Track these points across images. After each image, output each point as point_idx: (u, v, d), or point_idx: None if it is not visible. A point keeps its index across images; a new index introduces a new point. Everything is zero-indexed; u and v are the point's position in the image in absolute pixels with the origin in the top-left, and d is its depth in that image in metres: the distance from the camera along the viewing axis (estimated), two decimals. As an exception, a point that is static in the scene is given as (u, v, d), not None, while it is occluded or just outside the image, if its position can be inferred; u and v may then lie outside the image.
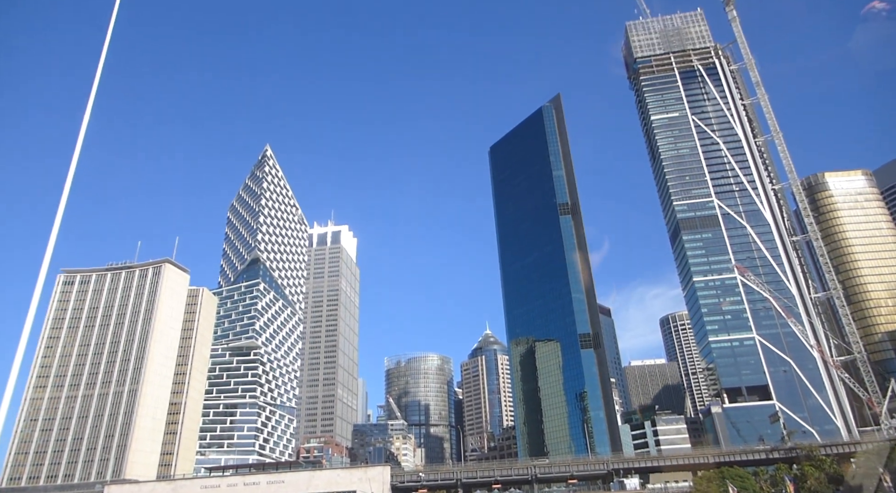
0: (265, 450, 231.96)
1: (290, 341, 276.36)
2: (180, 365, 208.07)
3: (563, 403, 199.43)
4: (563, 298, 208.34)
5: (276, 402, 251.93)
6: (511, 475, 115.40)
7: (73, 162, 12.39)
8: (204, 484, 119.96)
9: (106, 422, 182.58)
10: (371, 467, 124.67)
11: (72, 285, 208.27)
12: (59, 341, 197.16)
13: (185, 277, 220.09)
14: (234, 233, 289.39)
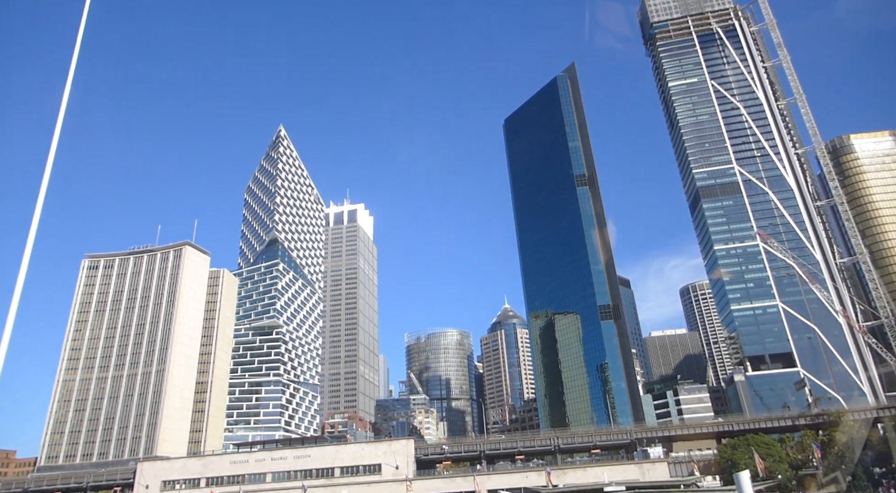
0: (290, 426, 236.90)
1: (310, 320, 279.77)
2: (205, 345, 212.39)
3: (583, 375, 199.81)
4: (581, 270, 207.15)
5: (300, 379, 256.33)
6: (534, 446, 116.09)
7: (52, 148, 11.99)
8: (233, 459, 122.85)
9: (136, 402, 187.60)
10: (395, 440, 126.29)
11: (96, 270, 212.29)
12: (87, 325, 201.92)
13: (205, 259, 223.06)
14: (252, 214, 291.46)
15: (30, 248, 4.36)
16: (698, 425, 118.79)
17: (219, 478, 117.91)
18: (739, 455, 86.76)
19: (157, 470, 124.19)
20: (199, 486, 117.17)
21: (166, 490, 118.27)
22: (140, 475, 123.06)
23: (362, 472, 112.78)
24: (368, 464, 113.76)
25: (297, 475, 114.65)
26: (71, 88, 30.14)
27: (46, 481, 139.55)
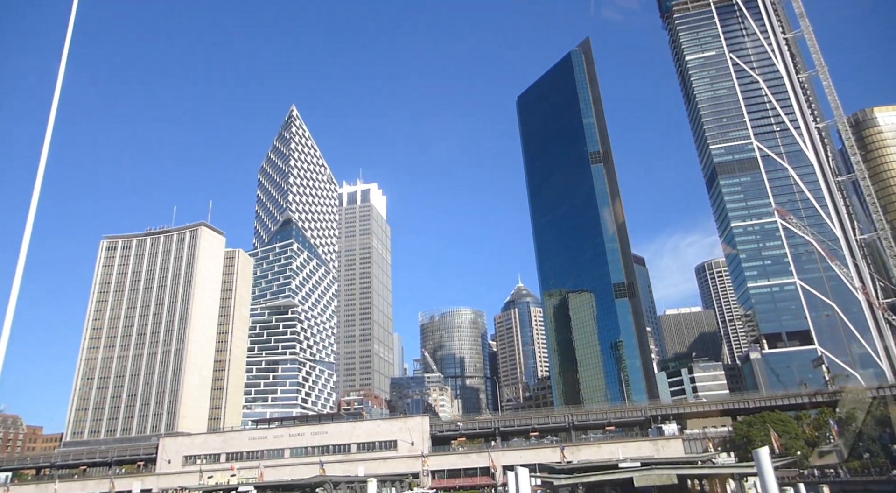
0: (307, 403, 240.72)
1: (325, 299, 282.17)
2: (222, 324, 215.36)
3: (597, 352, 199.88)
4: (596, 248, 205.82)
5: (316, 358, 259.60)
6: (548, 423, 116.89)
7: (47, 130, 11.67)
8: (252, 436, 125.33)
9: (156, 379, 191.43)
10: (410, 417, 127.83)
11: (115, 251, 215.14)
12: (107, 304, 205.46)
13: (220, 239, 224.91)
14: (266, 195, 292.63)
15: (29, 227, 4.19)
16: (713, 402, 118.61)
17: (238, 454, 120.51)
18: (755, 432, 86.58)
19: (179, 446, 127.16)
20: (220, 461, 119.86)
21: (188, 465, 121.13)
22: (162, 450, 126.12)
23: (378, 448, 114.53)
24: (384, 440, 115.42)
25: (315, 450, 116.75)
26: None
27: (72, 455, 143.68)
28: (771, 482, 21.39)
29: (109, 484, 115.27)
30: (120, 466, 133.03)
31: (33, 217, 11.17)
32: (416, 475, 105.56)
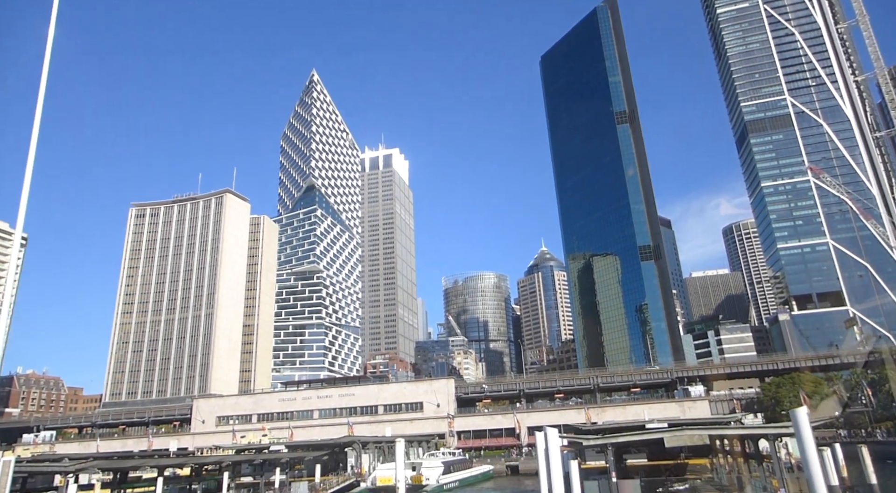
0: (334, 366, 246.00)
1: (349, 265, 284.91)
2: (249, 290, 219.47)
3: (622, 315, 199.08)
4: (621, 210, 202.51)
5: (341, 322, 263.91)
6: (573, 384, 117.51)
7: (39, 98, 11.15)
8: (281, 397, 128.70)
9: (188, 343, 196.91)
10: (436, 380, 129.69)
11: (143, 218, 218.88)
12: (138, 270, 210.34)
13: (245, 206, 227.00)
14: (289, 161, 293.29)
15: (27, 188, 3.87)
16: (741, 363, 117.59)
17: (269, 414, 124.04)
18: (784, 393, 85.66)
19: (212, 406, 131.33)
20: (252, 422, 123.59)
21: (221, 425, 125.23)
22: (196, 410, 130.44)
23: (405, 410, 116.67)
24: (410, 402, 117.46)
25: (343, 412, 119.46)
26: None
27: (112, 415, 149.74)
28: (809, 443, 20.72)
29: (148, 442, 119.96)
30: (157, 425, 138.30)
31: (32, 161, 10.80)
32: (442, 435, 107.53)
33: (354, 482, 68.12)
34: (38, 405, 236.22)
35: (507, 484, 73.37)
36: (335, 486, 64.12)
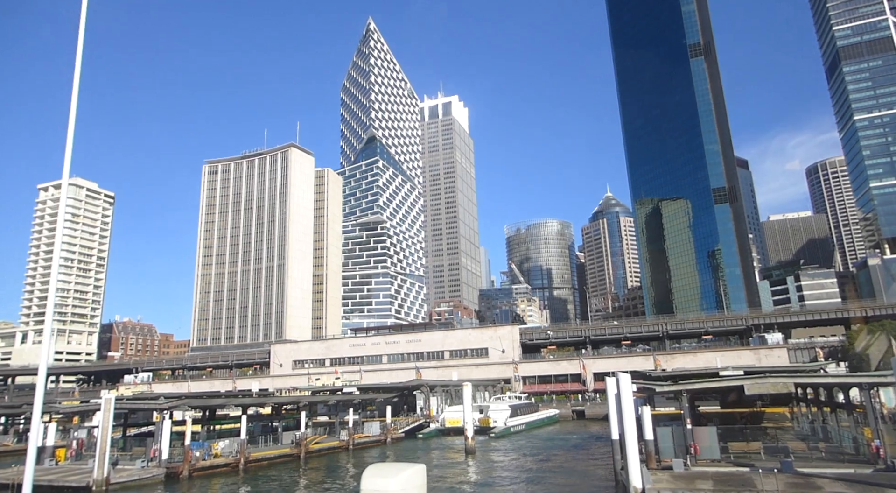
0: (400, 314, 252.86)
1: (412, 215, 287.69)
2: (317, 241, 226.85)
3: (692, 262, 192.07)
4: (694, 151, 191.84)
5: (406, 271, 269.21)
6: (640, 331, 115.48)
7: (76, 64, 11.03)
8: (351, 343, 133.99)
9: (263, 293, 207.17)
10: (500, 326, 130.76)
11: (216, 174, 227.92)
12: (214, 225, 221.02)
13: (310, 159, 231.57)
14: (349, 113, 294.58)
15: (69, 150, 3.79)
16: (824, 310, 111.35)
17: (340, 359, 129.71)
18: (873, 342, 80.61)
19: (288, 351, 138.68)
20: (325, 366, 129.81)
21: (297, 369, 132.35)
22: (274, 355, 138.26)
23: (470, 355, 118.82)
24: (476, 348, 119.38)
25: (410, 357, 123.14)
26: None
27: (199, 359, 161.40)
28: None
29: (232, 384, 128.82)
30: (239, 369, 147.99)
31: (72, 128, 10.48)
32: (507, 380, 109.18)
33: (424, 422, 70.59)
34: (135, 350, 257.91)
35: (574, 428, 73.89)
36: (405, 426, 66.71)
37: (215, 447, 41.77)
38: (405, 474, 2.75)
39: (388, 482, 2.74)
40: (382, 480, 2.76)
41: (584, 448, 50.97)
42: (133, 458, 40.48)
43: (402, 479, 2.76)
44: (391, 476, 2.75)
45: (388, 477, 2.74)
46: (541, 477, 35.13)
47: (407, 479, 2.75)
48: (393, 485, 2.72)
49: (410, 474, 2.73)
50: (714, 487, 23.25)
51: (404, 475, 2.73)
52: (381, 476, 2.73)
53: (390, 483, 2.72)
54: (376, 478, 2.76)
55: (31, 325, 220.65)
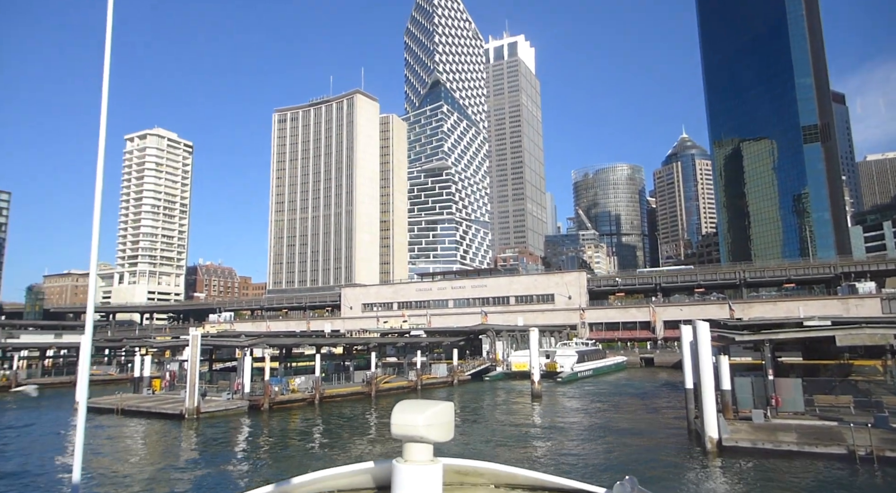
0: (465, 260, 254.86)
1: (477, 160, 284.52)
2: (383, 187, 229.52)
3: (775, 206, 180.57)
4: (783, 85, 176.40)
5: (471, 217, 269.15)
6: (715, 279, 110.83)
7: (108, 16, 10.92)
8: (418, 287, 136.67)
9: (333, 238, 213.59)
10: (567, 273, 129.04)
11: (285, 123, 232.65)
12: (285, 172, 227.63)
13: (375, 105, 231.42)
14: (413, 57, 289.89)
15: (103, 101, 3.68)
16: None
17: (408, 303, 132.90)
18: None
19: (357, 294, 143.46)
20: (392, 309, 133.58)
21: (366, 311, 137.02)
22: (344, 298, 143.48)
23: (536, 301, 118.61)
24: (542, 294, 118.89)
25: (475, 302, 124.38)
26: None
27: (275, 301, 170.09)
28: None
29: (306, 324, 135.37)
30: (312, 310, 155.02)
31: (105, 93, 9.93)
32: (573, 326, 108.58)
33: (490, 366, 71.73)
34: (217, 291, 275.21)
35: (642, 375, 73.00)
36: (472, 369, 68.06)
37: (292, 382, 44.13)
38: (433, 410, 2.75)
39: (416, 417, 2.71)
40: (411, 415, 2.75)
41: (653, 396, 50.26)
42: (219, 390, 43.47)
43: (430, 414, 2.74)
44: (419, 412, 2.74)
45: (416, 413, 2.73)
46: (609, 423, 34.93)
47: (434, 415, 2.75)
48: (421, 420, 2.69)
49: (438, 410, 2.73)
50: (798, 440, 22.17)
51: (432, 410, 2.73)
52: (409, 412, 2.75)
53: (418, 418, 2.69)
54: (405, 413, 2.77)
55: (126, 267, 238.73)
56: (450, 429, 3.22)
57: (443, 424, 3.19)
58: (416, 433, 3.15)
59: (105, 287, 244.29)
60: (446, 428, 3.20)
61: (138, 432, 33.43)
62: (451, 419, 3.22)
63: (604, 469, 22.17)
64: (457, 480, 3.81)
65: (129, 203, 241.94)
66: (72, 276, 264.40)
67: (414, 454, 3.18)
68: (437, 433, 3.17)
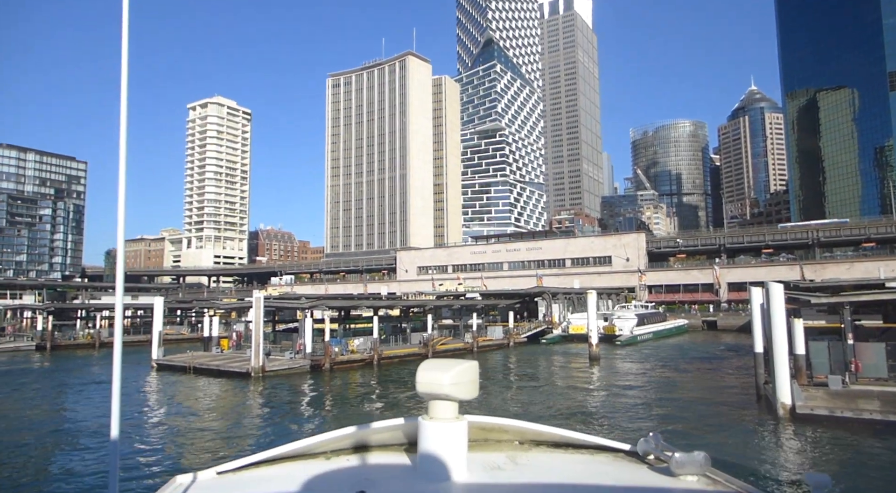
0: (520, 222, 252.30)
1: (531, 120, 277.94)
2: (436, 150, 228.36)
3: (854, 160, 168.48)
4: (866, 28, 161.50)
5: (525, 179, 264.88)
6: (785, 239, 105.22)
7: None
8: (472, 250, 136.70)
9: (387, 202, 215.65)
10: (625, 234, 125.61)
11: (339, 88, 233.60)
12: (339, 137, 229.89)
13: (427, 67, 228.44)
14: (465, 15, 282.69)
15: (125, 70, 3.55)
16: None
17: (462, 266, 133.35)
18: None
19: (412, 258, 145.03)
20: (447, 272, 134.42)
21: (421, 274, 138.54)
22: (399, 261, 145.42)
23: (592, 263, 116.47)
24: (598, 256, 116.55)
25: (530, 264, 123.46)
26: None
27: (333, 264, 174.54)
28: None
29: (363, 287, 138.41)
30: (369, 273, 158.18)
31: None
32: (631, 289, 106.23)
33: (546, 328, 71.33)
34: (277, 255, 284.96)
35: (704, 339, 70.86)
36: (527, 331, 67.88)
37: (351, 344, 45.22)
38: (458, 369, 2.69)
39: (441, 376, 2.66)
40: (436, 373, 2.70)
41: (717, 360, 48.71)
42: (282, 350, 45.10)
43: (455, 373, 2.69)
44: (444, 371, 2.70)
45: (441, 371, 2.68)
46: (671, 387, 34.07)
47: (459, 373, 2.69)
48: (446, 378, 2.64)
49: (463, 369, 2.67)
50: (882, 407, 20.81)
51: (457, 369, 2.68)
52: (435, 370, 2.70)
53: (443, 377, 2.64)
54: (430, 372, 2.74)
55: (193, 232, 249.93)
56: (474, 387, 3.41)
57: (467, 382, 3.39)
58: (441, 391, 3.25)
59: (175, 252, 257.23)
60: (471, 386, 3.40)
61: (209, 388, 35.20)
62: (475, 377, 3.42)
63: (668, 434, 21.58)
64: (481, 436, 3.93)
65: (194, 170, 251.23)
66: (144, 241, 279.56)
67: (439, 411, 3.34)
68: (461, 391, 3.27)
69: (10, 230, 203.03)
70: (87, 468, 18.10)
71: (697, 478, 3.28)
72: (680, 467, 3.27)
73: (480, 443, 3.90)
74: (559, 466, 3.60)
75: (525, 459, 3.68)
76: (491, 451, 3.79)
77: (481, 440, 3.93)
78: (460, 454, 3.26)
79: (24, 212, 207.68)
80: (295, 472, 3.45)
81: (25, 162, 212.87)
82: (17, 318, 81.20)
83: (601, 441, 3.89)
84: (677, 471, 3.29)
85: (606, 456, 3.77)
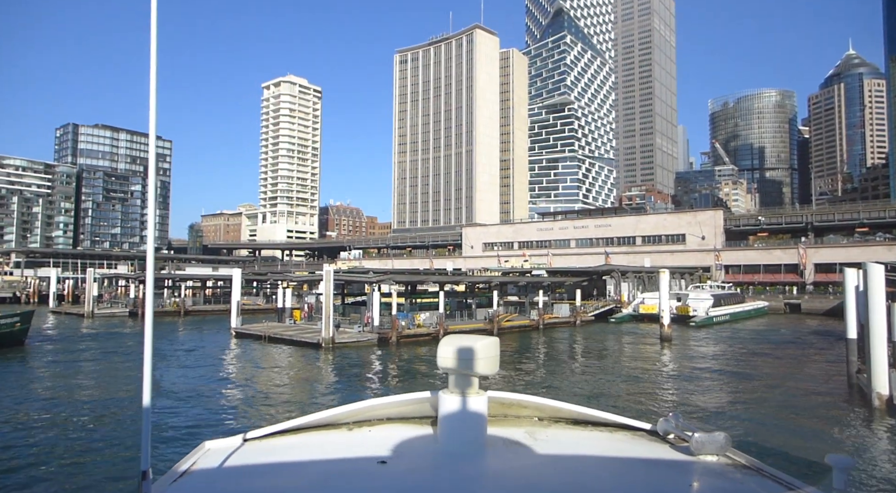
0: (588, 199, 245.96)
1: (602, 93, 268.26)
2: (503, 126, 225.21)
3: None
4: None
5: (595, 154, 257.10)
6: (884, 216, 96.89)
7: None
8: (539, 227, 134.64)
9: (454, 178, 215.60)
10: (700, 211, 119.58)
11: (406, 64, 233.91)
12: (406, 114, 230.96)
13: (494, 40, 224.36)
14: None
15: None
16: None
17: (528, 242, 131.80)
18: None
19: (478, 234, 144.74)
20: (513, 249, 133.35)
21: (486, 250, 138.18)
22: (465, 237, 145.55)
23: (665, 241, 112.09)
24: (671, 234, 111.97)
25: (599, 242, 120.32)
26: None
27: (399, 239, 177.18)
28: None
29: (429, 263, 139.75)
30: (435, 249, 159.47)
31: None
32: (706, 268, 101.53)
33: (615, 307, 69.53)
34: (346, 230, 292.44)
35: (787, 322, 66.88)
36: (595, 310, 66.43)
37: (417, 318, 45.76)
38: (479, 344, 2.73)
39: (461, 351, 2.75)
40: (457, 348, 2.76)
41: (802, 345, 45.84)
42: (351, 323, 46.30)
43: (475, 349, 2.78)
44: (465, 345, 2.74)
45: (461, 346, 2.73)
46: (750, 372, 32.36)
47: (480, 349, 2.77)
48: (466, 353, 2.79)
49: (485, 344, 2.70)
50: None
51: (478, 344, 2.75)
52: (455, 345, 2.74)
53: (463, 352, 2.76)
54: (451, 346, 2.76)
55: (267, 207, 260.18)
56: (495, 363, 3.49)
57: (488, 358, 3.47)
58: (461, 365, 3.37)
59: (251, 226, 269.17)
60: (492, 362, 3.48)
61: (282, 356, 36.72)
62: (496, 353, 3.50)
63: (750, 422, 20.48)
64: (501, 412, 4.03)
65: (268, 148, 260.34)
66: (223, 215, 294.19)
67: (460, 385, 3.42)
68: (482, 366, 3.38)
69: (106, 205, 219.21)
70: (180, 422, 19.30)
71: (717, 458, 3.31)
72: (700, 447, 3.31)
73: (500, 418, 3.98)
74: (578, 442, 3.67)
75: (544, 435, 3.75)
76: (510, 426, 3.88)
77: (501, 416, 4.00)
78: (480, 429, 3.35)
79: (118, 188, 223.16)
80: (319, 441, 3.60)
81: (118, 141, 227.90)
82: (113, 286, 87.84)
83: (621, 420, 3.95)
84: (697, 451, 3.33)
85: (626, 434, 3.83)
